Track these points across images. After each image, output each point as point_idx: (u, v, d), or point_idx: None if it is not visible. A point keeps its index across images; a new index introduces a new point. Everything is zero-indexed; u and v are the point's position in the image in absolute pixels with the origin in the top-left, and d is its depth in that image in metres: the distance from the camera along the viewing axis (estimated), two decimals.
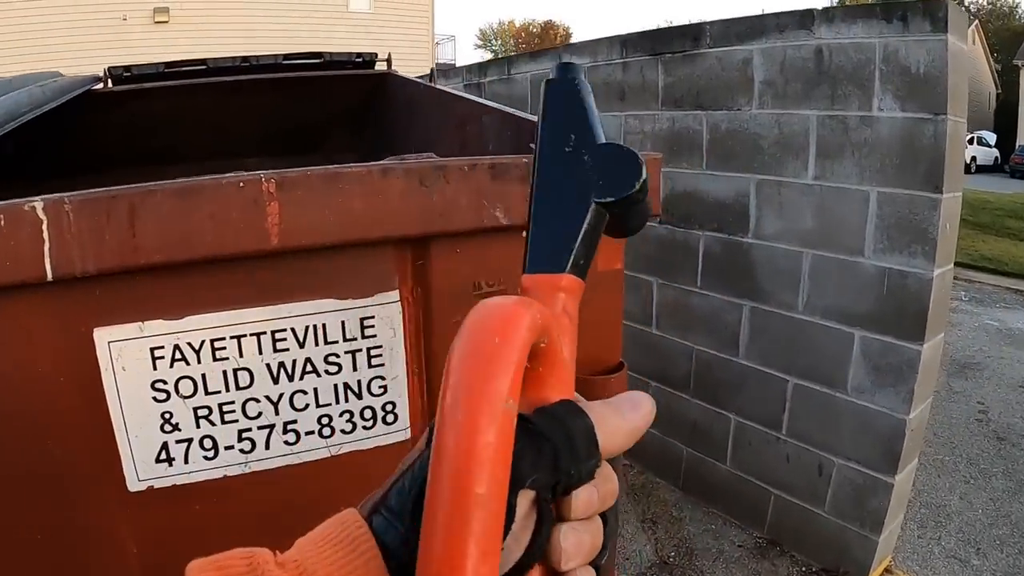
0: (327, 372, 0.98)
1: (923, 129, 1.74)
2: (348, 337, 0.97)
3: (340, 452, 1.03)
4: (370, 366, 1.00)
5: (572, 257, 0.32)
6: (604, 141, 0.34)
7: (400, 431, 1.05)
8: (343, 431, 1.02)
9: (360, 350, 0.99)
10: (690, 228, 2.47)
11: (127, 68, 2.05)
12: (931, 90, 1.70)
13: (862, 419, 1.98)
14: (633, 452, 2.87)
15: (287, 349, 0.96)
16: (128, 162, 2.17)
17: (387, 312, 0.98)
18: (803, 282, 2.11)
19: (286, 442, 1.01)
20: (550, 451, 0.25)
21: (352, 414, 1.02)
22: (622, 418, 0.31)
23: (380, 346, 0.99)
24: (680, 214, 2.50)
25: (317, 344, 0.97)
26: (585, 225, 0.33)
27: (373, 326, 0.98)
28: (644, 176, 0.33)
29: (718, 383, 2.46)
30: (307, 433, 1.01)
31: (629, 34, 2.58)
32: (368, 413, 1.03)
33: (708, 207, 2.38)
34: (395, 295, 0.98)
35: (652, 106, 2.53)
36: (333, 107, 2.40)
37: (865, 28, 1.82)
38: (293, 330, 0.95)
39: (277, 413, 0.99)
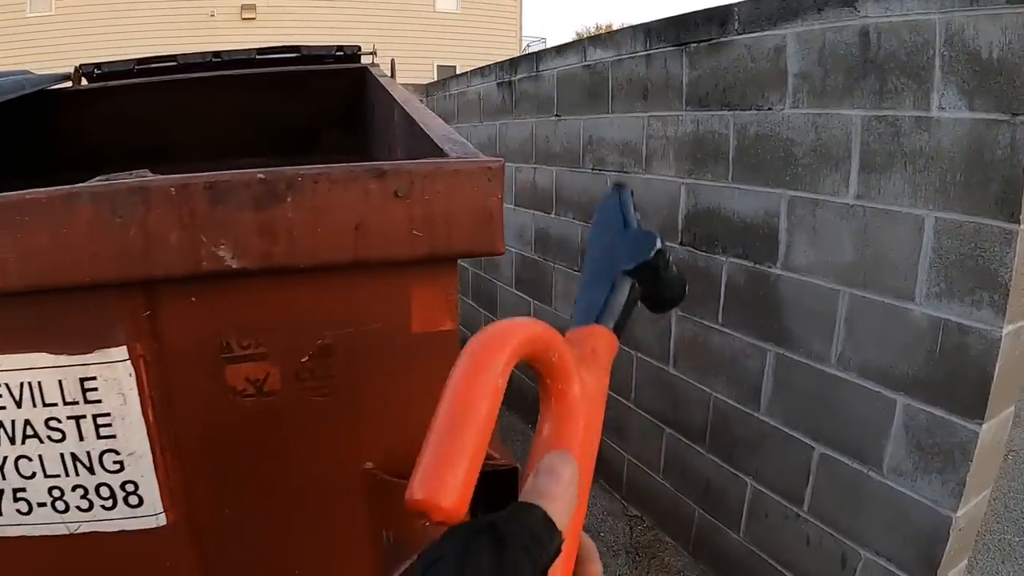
0: (50, 439, 0.79)
1: (996, 134, 1.28)
2: (68, 400, 0.77)
3: (79, 531, 0.83)
4: (99, 436, 0.79)
5: (600, 312, 0.39)
6: (634, 227, 0.43)
7: (148, 516, 0.83)
8: (79, 508, 0.83)
9: (84, 416, 0.78)
10: (712, 253, 2.07)
11: (98, 65, 2.01)
12: (1007, 81, 1.23)
13: (898, 508, 1.52)
14: (645, 504, 2.50)
15: (4, 407, 0.78)
16: (115, 160, 2.15)
17: (112, 373, 0.77)
18: (838, 329, 1.67)
19: (19, 511, 0.83)
20: (515, 553, 0.26)
21: (86, 490, 0.82)
22: (559, 491, 0.31)
23: (108, 413, 0.78)
24: (703, 235, 2.11)
25: (35, 405, 0.78)
26: (612, 290, 0.40)
27: (96, 389, 0.77)
28: (658, 246, 0.41)
29: (736, 440, 2.05)
30: (39, 504, 0.83)
31: (653, 22, 2.22)
32: (105, 491, 0.82)
33: (733, 228, 1.98)
34: (122, 352, 0.76)
35: (675, 105, 2.16)
36: (320, 103, 2.25)
37: (922, 1, 1.37)
38: (7, 386, 0.77)
39: (4, 478, 0.82)
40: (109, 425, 0.78)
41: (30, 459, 0.80)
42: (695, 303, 2.17)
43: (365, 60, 2.23)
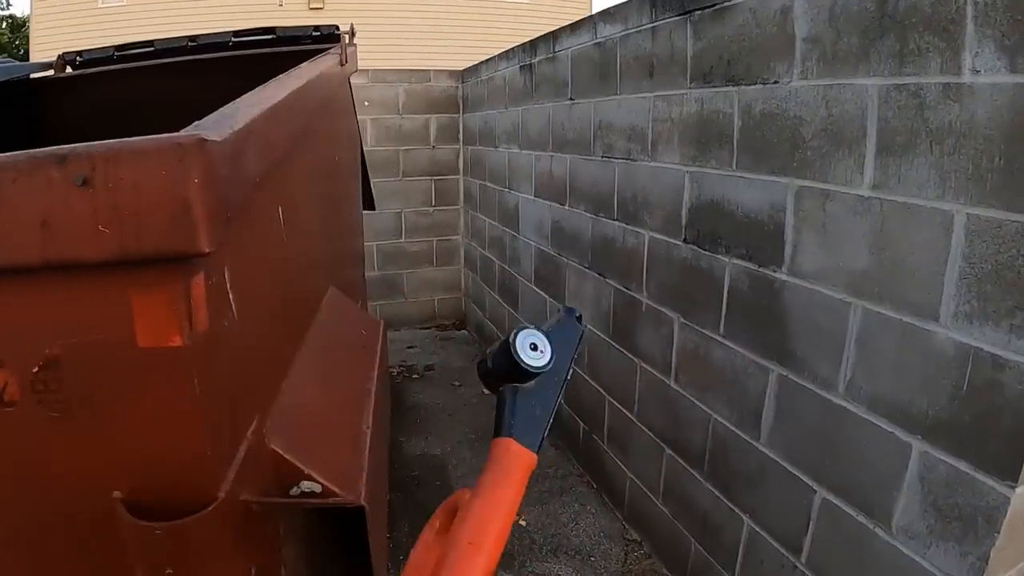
0: None
1: None
2: None
3: None
4: None
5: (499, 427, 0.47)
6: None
7: None
8: None
9: None
10: (716, 252, 1.79)
11: (79, 53, 2.00)
12: None
13: None
14: (645, 528, 2.26)
15: None
16: None
17: None
18: (847, 350, 1.37)
19: None
20: None
21: None
22: None
23: None
24: (706, 231, 1.83)
25: None
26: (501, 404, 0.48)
27: None
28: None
29: (733, 471, 1.77)
30: None
31: None
32: None
33: (737, 224, 1.69)
34: None
35: (680, 82, 1.88)
36: None
37: None
38: None
39: None
40: None
41: None
42: (698, 308, 1.89)
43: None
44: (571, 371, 0.53)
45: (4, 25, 14.08)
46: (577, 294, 2.75)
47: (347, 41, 2.01)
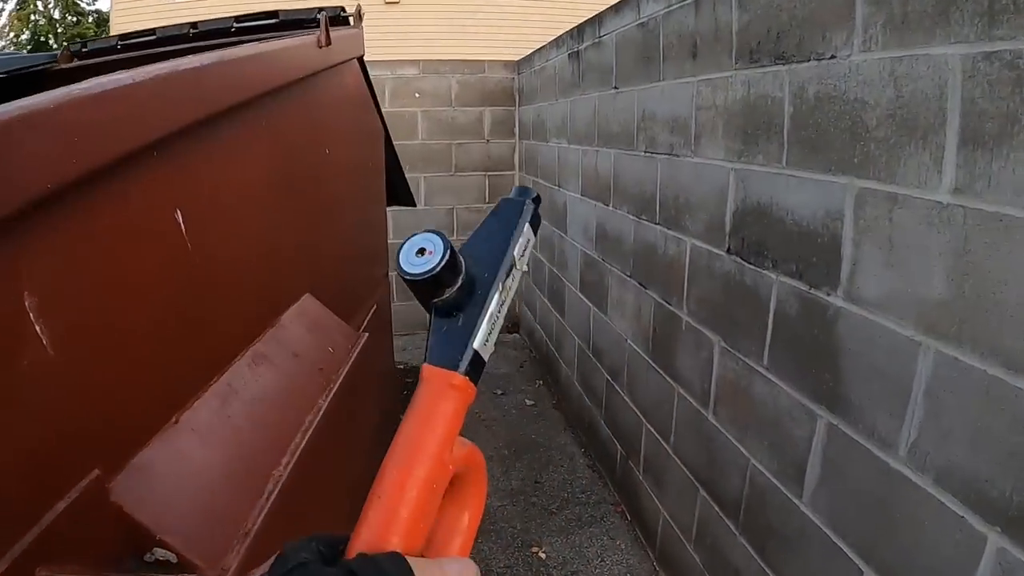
0: None
1: None
2: None
3: None
4: None
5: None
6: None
7: None
8: None
9: None
10: (761, 267, 1.49)
11: (84, 44, 1.98)
12: None
13: None
14: (674, 570, 2.00)
15: None
16: None
17: None
18: (913, 403, 1.06)
19: None
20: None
21: None
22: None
23: None
24: (751, 240, 1.54)
25: None
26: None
27: None
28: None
29: (771, 528, 1.47)
30: None
31: None
32: None
33: (786, 233, 1.40)
34: None
35: (725, 63, 1.59)
36: None
37: None
38: None
39: None
40: None
41: None
42: (740, 331, 1.60)
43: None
44: (511, 261, 0.40)
45: (90, 19, 15.21)
46: (618, 304, 2.49)
47: (352, 23, 1.86)
